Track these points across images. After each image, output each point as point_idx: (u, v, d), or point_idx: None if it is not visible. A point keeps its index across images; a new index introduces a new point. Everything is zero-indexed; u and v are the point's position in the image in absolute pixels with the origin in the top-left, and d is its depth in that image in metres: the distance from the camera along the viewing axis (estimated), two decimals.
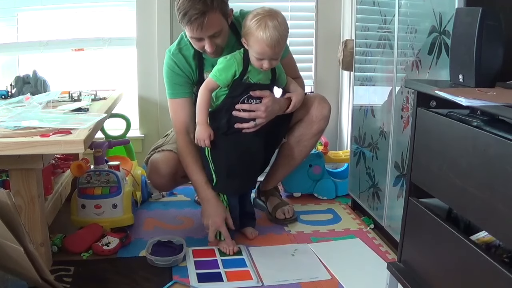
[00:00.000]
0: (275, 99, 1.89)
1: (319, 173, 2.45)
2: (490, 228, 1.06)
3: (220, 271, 1.74)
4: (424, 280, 1.32)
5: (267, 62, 1.75)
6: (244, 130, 1.84)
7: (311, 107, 2.01)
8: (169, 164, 2.00)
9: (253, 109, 1.83)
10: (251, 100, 1.83)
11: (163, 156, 2.02)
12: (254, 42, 1.72)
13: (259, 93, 1.82)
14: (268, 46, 1.70)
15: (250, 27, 1.72)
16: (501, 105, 0.99)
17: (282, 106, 1.92)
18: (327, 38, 2.78)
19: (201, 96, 1.82)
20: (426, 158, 1.31)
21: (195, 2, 1.71)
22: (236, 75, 1.79)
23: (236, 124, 1.83)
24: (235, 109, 1.82)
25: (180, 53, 1.93)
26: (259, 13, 1.73)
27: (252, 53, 1.76)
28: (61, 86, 2.33)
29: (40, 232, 1.63)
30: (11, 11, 2.58)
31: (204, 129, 1.83)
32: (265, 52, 1.72)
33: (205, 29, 1.74)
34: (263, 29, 1.69)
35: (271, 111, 1.86)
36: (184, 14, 1.72)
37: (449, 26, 1.45)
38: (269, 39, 1.69)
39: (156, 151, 2.07)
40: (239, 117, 1.83)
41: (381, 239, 2.02)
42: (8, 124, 1.57)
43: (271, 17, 1.71)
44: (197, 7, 1.70)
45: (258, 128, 1.86)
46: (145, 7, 2.58)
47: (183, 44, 1.94)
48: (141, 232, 2.06)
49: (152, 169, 2.03)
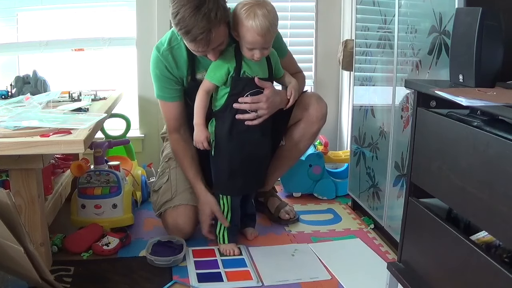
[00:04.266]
0: (276, 91, 1.86)
1: (319, 173, 2.45)
2: (490, 228, 1.06)
3: (220, 271, 1.74)
4: (424, 280, 1.32)
5: (258, 51, 1.73)
6: (246, 122, 1.81)
7: (310, 107, 1.99)
8: (190, 223, 1.93)
9: (255, 101, 1.80)
10: (254, 95, 1.81)
11: (182, 215, 1.93)
12: (245, 31, 1.70)
13: (261, 82, 1.80)
14: (258, 34, 1.68)
15: (240, 17, 1.70)
16: (501, 105, 0.99)
17: (283, 98, 1.89)
18: (327, 38, 2.78)
19: (198, 98, 1.81)
20: (426, 158, 1.30)
21: (197, 19, 1.60)
22: (231, 71, 1.78)
23: (237, 115, 1.81)
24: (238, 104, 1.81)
25: (170, 53, 1.84)
26: (247, 2, 1.71)
27: (243, 44, 1.74)
28: (61, 86, 2.32)
29: (40, 232, 1.63)
30: (11, 11, 2.58)
31: (201, 130, 1.82)
32: (256, 41, 1.70)
33: (211, 45, 1.69)
34: (252, 18, 1.67)
35: (273, 102, 1.83)
36: (186, 32, 1.63)
37: (449, 26, 1.45)
38: (259, 27, 1.67)
39: (169, 207, 1.94)
40: (241, 109, 1.81)
41: (381, 239, 2.02)
42: (8, 124, 1.57)
43: (259, 6, 1.69)
44: (200, 25, 1.61)
45: (261, 121, 1.83)
46: (145, 7, 2.57)
47: (174, 43, 1.85)
48: (141, 232, 2.06)
49: (172, 228, 1.94)
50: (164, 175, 2.03)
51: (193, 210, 1.94)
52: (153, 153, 2.70)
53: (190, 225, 1.94)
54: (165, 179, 2.01)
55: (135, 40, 2.63)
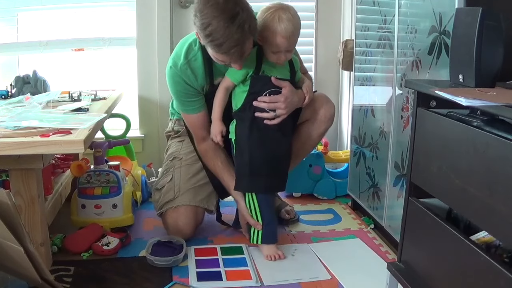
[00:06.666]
0: (293, 90, 1.85)
1: (319, 173, 2.45)
2: (490, 228, 1.06)
3: (220, 270, 1.74)
4: (424, 280, 1.32)
5: (283, 54, 1.75)
6: (265, 121, 1.81)
7: (319, 107, 1.98)
8: (190, 224, 1.93)
9: (273, 100, 1.80)
10: (272, 94, 1.82)
11: (182, 216, 1.92)
12: (270, 35, 1.71)
13: (278, 81, 1.80)
14: (284, 37, 1.71)
15: (265, 21, 1.71)
16: (501, 105, 0.99)
17: (300, 97, 1.88)
18: (327, 38, 2.78)
19: (218, 93, 1.85)
20: (426, 158, 1.30)
21: (231, 31, 1.56)
22: (249, 72, 1.79)
23: (256, 113, 1.81)
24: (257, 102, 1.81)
25: (189, 67, 1.81)
26: (271, 7, 1.73)
27: (267, 48, 1.76)
28: (61, 86, 2.32)
29: (40, 232, 1.63)
30: (11, 11, 2.58)
31: (217, 124, 1.86)
32: (281, 44, 1.72)
33: (243, 57, 1.68)
34: (277, 21, 1.70)
35: (291, 102, 1.83)
36: (219, 45, 1.60)
37: (449, 26, 1.45)
38: (284, 31, 1.70)
39: (170, 207, 1.93)
40: (260, 108, 1.81)
41: (381, 239, 2.02)
42: (8, 124, 1.57)
43: (284, 10, 1.72)
44: (235, 37, 1.57)
45: (280, 120, 1.82)
46: (145, 7, 2.57)
47: (191, 55, 1.82)
48: (141, 232, 2.06)
49: (172, 229, 1.94)
50: (168, 174, 2.02)
51: (194, 211, 1.94)
52: (153, 153, 2.71)
53: (190, 227, 1.94)
54: (168, 178, 2.00)
55: (135, 40, 2.63)
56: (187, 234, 1.94)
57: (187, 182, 1.97)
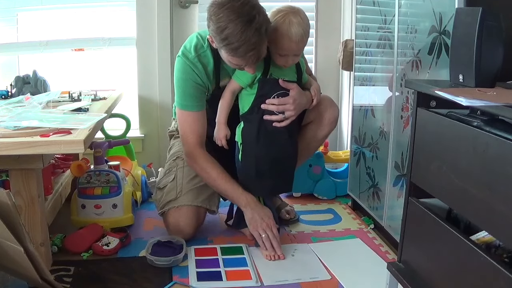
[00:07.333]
0: (301, 92, 1.86)
1: (319, 173, 2.45)
2: (490, 228, 1.06)
3: (220, 270, 1.74)
4: (424, 280, 1.32)
5: (290, 58, 1.75)
6: (274, 124, 1.82)
7: (324, 109, 1.99)
8: (191, 224, 1.92)
9: (282, 103, 1.80)
10: (280, 97, 1.82)
11: (184, 216, 1.91)
12: (279, 38, 1.71)
13: (285, 84, 1.80)
14: (293, 41, 1.71)
15: (275, 24, 1.70)
16: (501, 105, 0.99)
17: (308, 99, 1.89)
18: (327, 38, 2.78)
19: (224, 97, 1.84)
20: (426, 158, 1.30)
21: (248, 34, 1.55)
22: (257, 75, 1.79)
23: (265, 116, 1.81)
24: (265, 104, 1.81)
25: (199, 61, 1.79)
26: (281, 10, 1.72)
27: (275, 50, 1.75)
28: (61, 86, 2.32)
29: (40, 232, 1.63)
30: (11, 11, 2.58)
31: (222, 128, 1.85)
32: (290, 48, 1.72)
33: (259, 60, 1.67)
34: (287, 24, 1.69)
35: (299, 103, 1.83)
36: (235, 48, 1.59)
37: (449, 26, 1.45)
38: (293, 35, 1.70)
39: (172, 206, 1.92)
40: (269, 110, 1.81)
41: (381, 239, 2.02)
42: (8, 124, 1.57)
43: (294, 14, 1.72)
44: (252, 41, 1.57)
45: (288, 122, 1.83)
46: (145, 7, 2.57)
47: (201, 51, 1.80)
48: (141, 232, 2.06)
49: (172, 229, 1.93)
50: (171, 173, 2.02)
51: (196, 212, 1.94)
52: (153, 153, 2.71)
53: (191, 227, 1.93)
54: (171, 178, 2.00)
55: (135, 40, 2.63)
56: (188, 234, 1.94)
57: (190, 182, 1.97)
